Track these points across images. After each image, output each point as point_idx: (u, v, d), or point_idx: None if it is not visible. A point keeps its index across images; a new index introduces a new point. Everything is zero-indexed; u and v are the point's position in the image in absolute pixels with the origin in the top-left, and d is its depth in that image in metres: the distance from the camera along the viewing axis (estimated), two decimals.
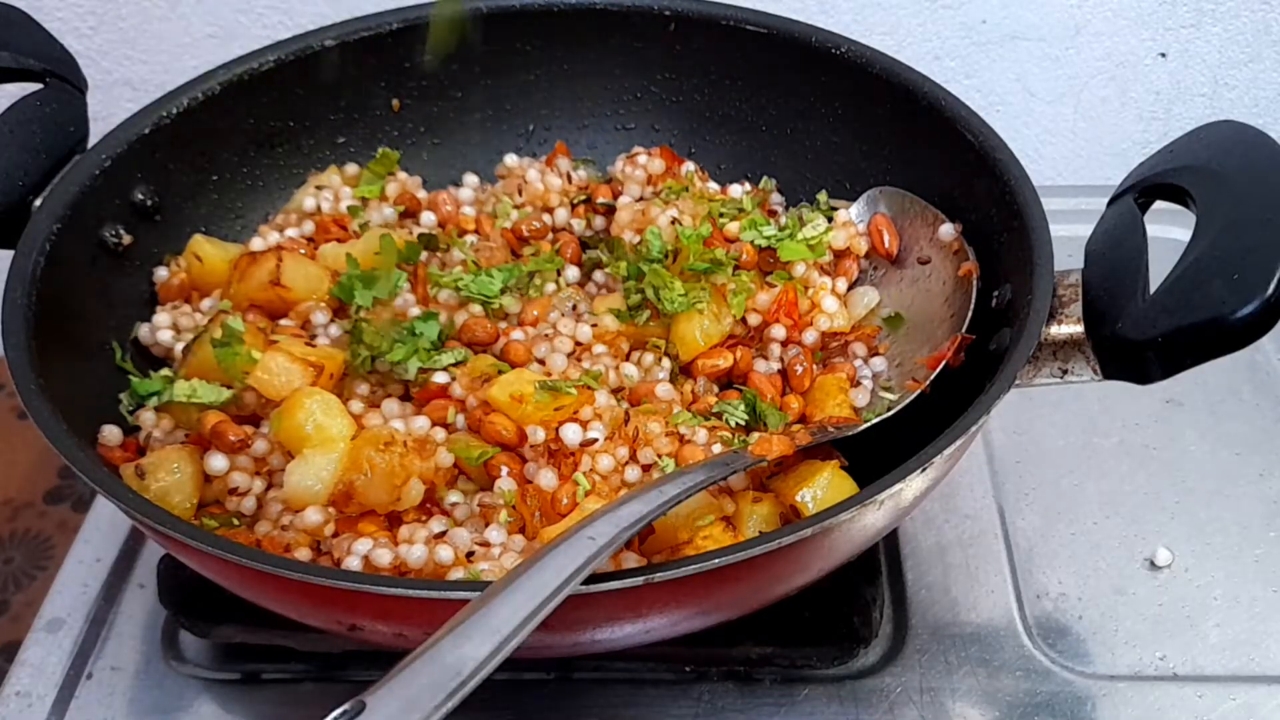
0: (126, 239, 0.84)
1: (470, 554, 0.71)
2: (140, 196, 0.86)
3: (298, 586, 0.61)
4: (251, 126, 0.92)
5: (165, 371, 0.81)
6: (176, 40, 1.17)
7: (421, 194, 0.94)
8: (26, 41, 0.85)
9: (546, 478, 0.73)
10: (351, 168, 0.95)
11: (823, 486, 0.73)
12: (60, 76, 0.85)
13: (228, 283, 0.85)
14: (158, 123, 0.86)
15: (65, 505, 1.04)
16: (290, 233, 0.90)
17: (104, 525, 0.90)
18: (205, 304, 0.85)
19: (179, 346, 0.82)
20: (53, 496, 1.05)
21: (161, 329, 0.83)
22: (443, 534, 0.72)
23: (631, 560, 0.70)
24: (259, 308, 0.83)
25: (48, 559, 1.00)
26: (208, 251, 0.86)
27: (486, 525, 0.72)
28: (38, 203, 0.79)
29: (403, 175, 0.95)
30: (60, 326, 0.76)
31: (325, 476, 0.72)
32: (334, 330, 0.82)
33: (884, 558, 0.84)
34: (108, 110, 0.87)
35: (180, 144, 0.87)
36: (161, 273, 0.87)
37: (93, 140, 0.85)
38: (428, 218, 0.92)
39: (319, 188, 0.93)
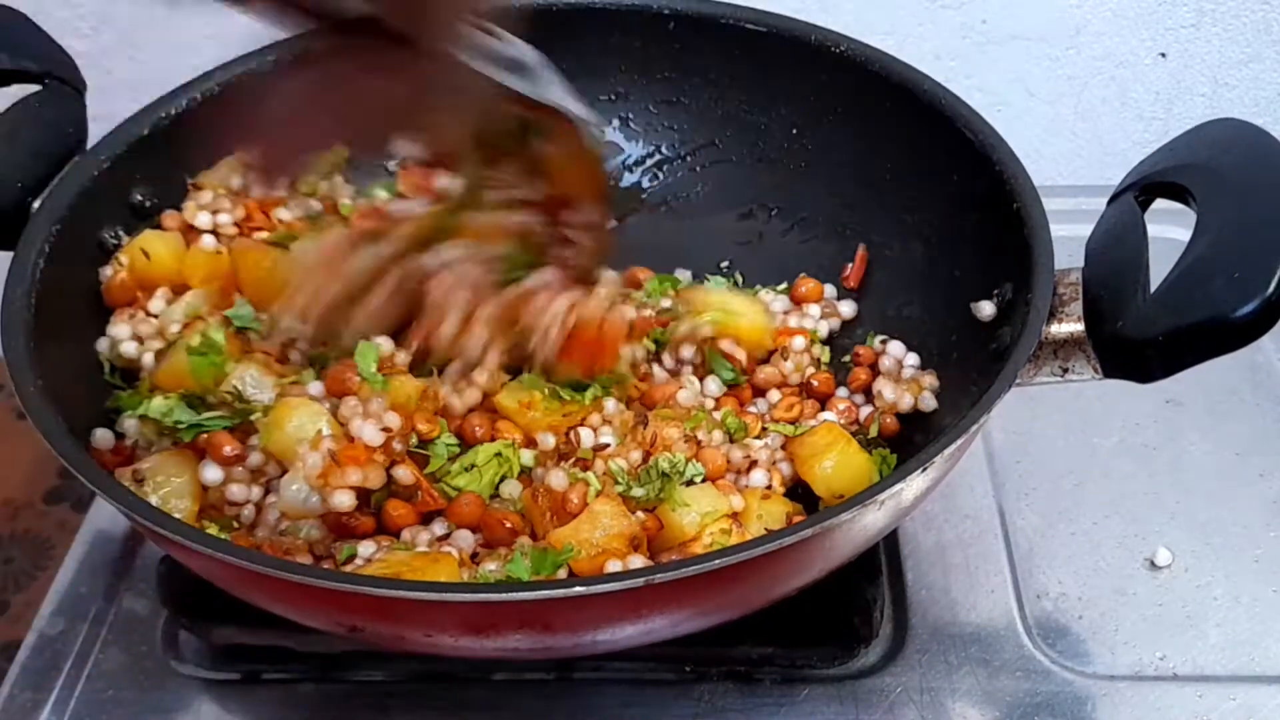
0: (126, 241, 0.84)
1: (474, 555, 0.71)
2: (139, 198, 0.86)
3: (298, 589, 0.61)
4: None
5: (142, 387, 0.80)
6: (176, 41, 1.17)
7: (346, 202, 0.92)
8: (24, 43, 0.85)
9: (557, 478, 0.73)
10: None
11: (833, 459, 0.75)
12: (59, 78, 0.85)
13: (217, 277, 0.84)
14: (156, 124, 0.86)
15: (65, 505, 1.04)
16: (222, 218, 0.86)
17: (103, 525, 0.90)
18: (154, 305, 0.82)
19: (146, 356, 0.80)
20: (52, 496, 1.05)
21: (124, 341, 0.80)
22: (446, 536, 0.72)
23: (635, 561, 0.70)
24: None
25: (47, 559, 1.00)
26: (156, 248, 0.83)
27: None
28: (36, 204, 0.79)
29: (338, 179, 0.93)
30: (60, 328, 0.76)
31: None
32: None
33: (884, 558, 0.84)
34: (107, 111, 0.86)
35: (180, 145, 0.87)
36: (106, 271, 0.83)
37: (92, 141, 0.84)
38: None
39: (247, 165, 0.88)
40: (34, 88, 0.84)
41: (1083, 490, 0.90)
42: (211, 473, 0.74)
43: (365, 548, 0.71)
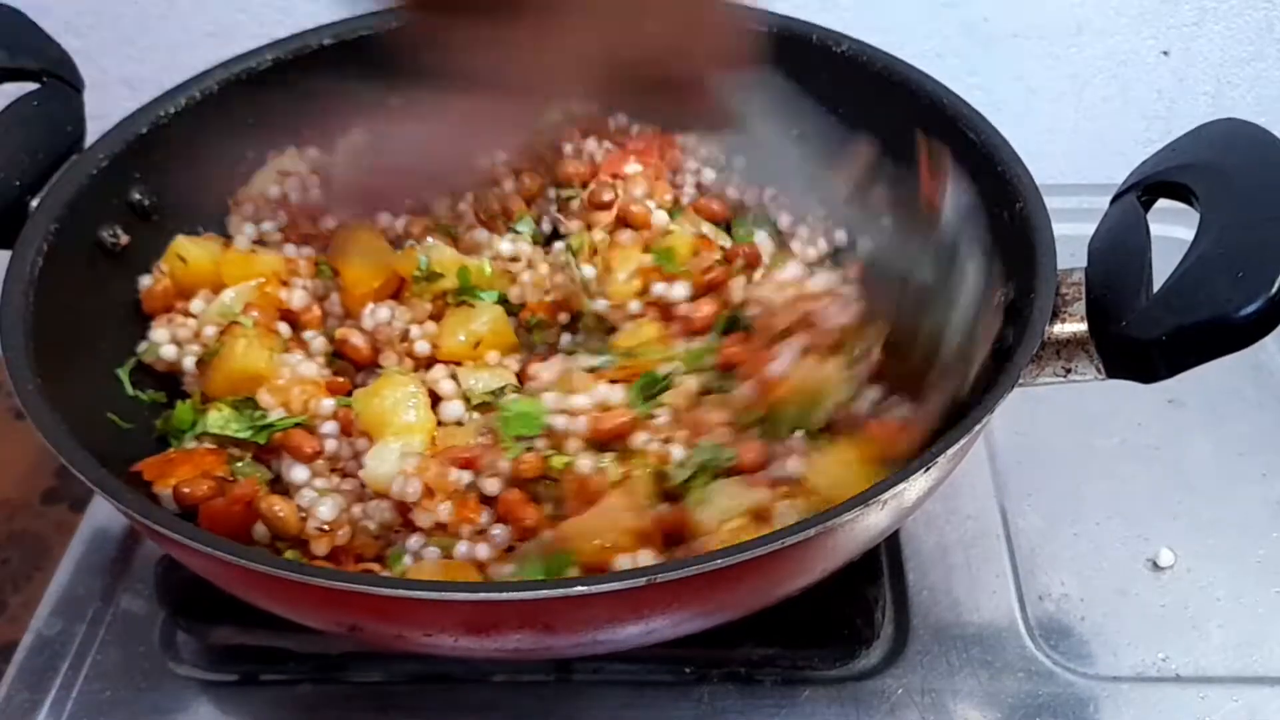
0: (124, 239, 0.84)
1: (511, 548, 0.71)
2: (138, 196, 0.85)
3: (297, 587, 0.61)
4: (250, 126, 0.92)
5: (193, 402, 0.80)
6: (175, 39, 1.17)
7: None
8: (22, 40, 0.85)
9: (585, 463, 0.72)
10: (313, 151, 0.92)
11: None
12: (57, 76, 0.84)
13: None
14: (155, 122, 0.85)
15: (62, 506, 1.04)
16: (266, 226, 0.87)
17: (101, 526, 0.90)
18: (195, 305, 0.83)
19: (187, 360, 0.80)
20: (49, 497, 1.05)
21: (163, 345, 0.81)
22: (482, 531, 0.71)
23: (644, 557, 0.69)
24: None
25: (45, 559, 0.99)
26: (192, 252, 0.83)
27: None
28: (35, 203, 0.79)
29: None
30: (58, 327, 0.76)
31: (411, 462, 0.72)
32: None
33: (886, 559, 0.84)
34: (106, 109, 0.86)
35: (178, 143, 0.87)
36: (145, 280, 0.84)
37: (90, 139, 0.84)
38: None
39: (282, 173, 0.90)
40: (32, 86, 0.84)
41: (1085, 491, 0.90)
42: (299, 473, 0.74)
43: (414, 541, 0.71)
